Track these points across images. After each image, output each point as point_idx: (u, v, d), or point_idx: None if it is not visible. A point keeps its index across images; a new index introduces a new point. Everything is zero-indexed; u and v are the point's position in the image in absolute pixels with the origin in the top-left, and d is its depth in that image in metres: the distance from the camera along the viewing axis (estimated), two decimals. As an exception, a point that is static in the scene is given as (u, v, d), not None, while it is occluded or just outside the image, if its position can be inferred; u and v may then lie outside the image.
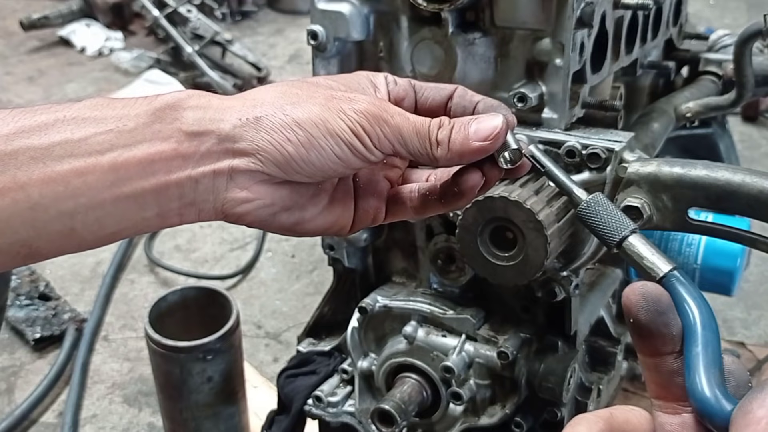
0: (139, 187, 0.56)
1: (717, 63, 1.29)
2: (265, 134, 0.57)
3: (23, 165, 0.53)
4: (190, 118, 0.58)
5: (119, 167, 0.55)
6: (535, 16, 0.88)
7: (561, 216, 0.86)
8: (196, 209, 0.59)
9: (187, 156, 0.57)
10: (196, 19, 3.52)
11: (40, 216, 0.55)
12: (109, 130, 0.56)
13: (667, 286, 0.54)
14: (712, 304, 0.57)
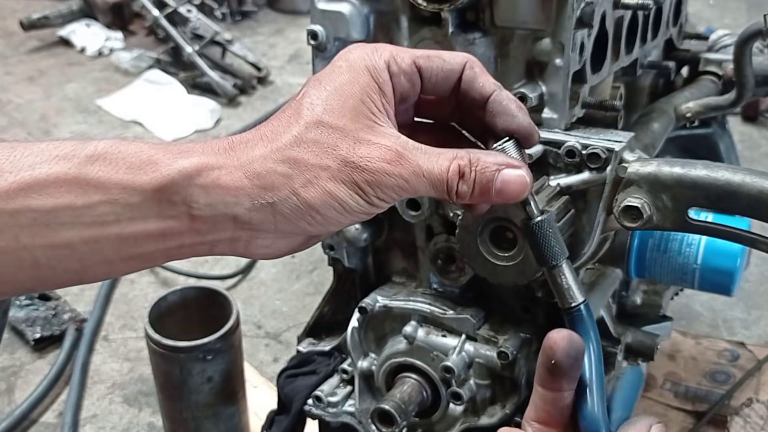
0: (149, 252, 0.56)
1: (717, 63, 1.29)
2: (281, 218, 0.57)
3: (26, 227, 0.52)
4: (201, 202, 0.56)
5: (127, 237, 0.55)
6: (535, 16, 0.88)
7: (561, 216, 0.86)
8: (210, 251, 0.60)
9: (201, 231, 0.56)
10: (196, 19, 3.52)
11: (45, 273, 0.55)
12: (114, 200, 0.54)
13: (575, 315, 0.61)
14: (712, 304, 0.59)
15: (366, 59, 0.60)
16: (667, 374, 1.63)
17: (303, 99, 0.59)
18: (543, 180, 0.88)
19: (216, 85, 3.35)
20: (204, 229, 0.56)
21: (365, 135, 0.57)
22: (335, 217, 0.57)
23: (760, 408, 1.50)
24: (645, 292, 1.32)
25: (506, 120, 0.61)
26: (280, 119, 0.59)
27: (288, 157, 0.56)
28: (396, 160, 0.57)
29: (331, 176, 0.56)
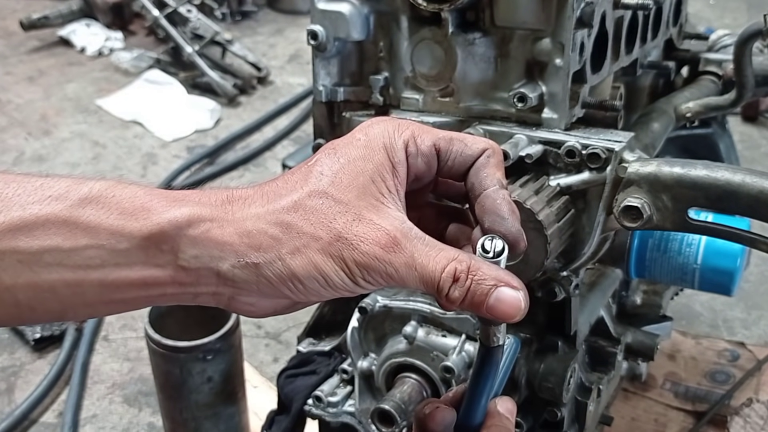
0: (131, 298, 0.56)
1: (717, 63, 1.29)
2: (264, 281, 0.56)
3: (9, 267, 0.52)
4: (188, 254, 0.55)
5: (110, 284, 0.54)
6: (535, 16, 0.88)
7: (561, 216, 0.86)
8: (193, 300, 0.60)
9: (184, 283, 0.56)
10: (196, 19, 3.52)
11: (26, 313, 0.55)
12: (101, 245, 0.53)
13: (489, 353, 0.62)
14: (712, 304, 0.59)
15: (385, 137, 0.58)
16: (667, 374, 1.63)
17: (314, 166, 0.58)
18: (543, 180, 0.88)
19: (216, 85, 3.35)
20: (187, 281, 0.56)
21: (367, 214, 0.56)
22: (317, 289, 0.56)
23: (760, 408, 1.50)
24: (645, 292, 1.32)
25: (495, 220, 0.58)
26: (286, 181, 0.58)
27: (282, 220, 0.55)
28: (390, 246, 0.55)
29: (321, 248, 0.55)
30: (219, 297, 0.58)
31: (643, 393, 1.57)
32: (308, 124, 3.02)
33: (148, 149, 2.98)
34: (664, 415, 1.53)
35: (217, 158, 2.92)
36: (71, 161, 2.87)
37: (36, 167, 2.81)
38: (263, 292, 0.57)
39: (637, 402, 1.55)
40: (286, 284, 0.56)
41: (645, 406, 1.54)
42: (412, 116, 0.94)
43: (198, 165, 2.84)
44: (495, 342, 0.62)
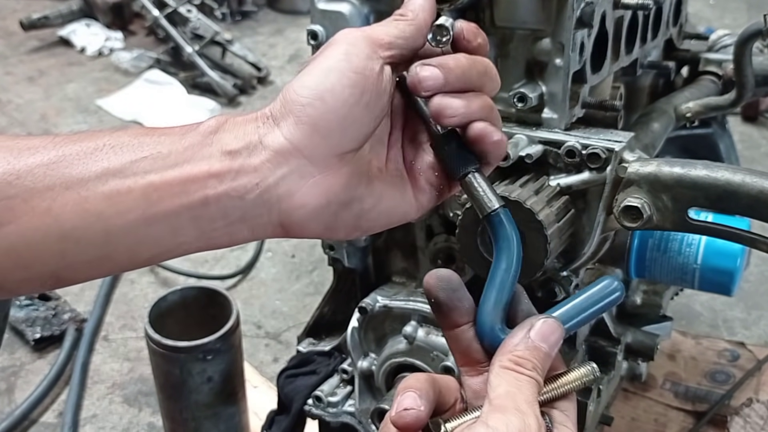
0: (173, 209, 0.55)
1: (717, 63, 1.29)
2: (292, 94, 0.57)
3: (58, 196, 0.53)
4: (227, 139, 0.56)
5: (151, 191, 0.54)
6: (535, 16, 0.88)
7: (561, 216, 0.86)
8: (247, 226, 0.57)
9: (221, 174, 0.55)
10: (196, 19, 3.52)
11: (70, 247, 0.54)
12: (144, 157, 0.55)
13: (493, 221, 0.61)
14: (712, 304, 0.59)
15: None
16: (667, 374, 1.63)
17: None
18: (543, 180, 0.88)
19: (216, 85, 3.35)
20: (224, 171, 0.55)
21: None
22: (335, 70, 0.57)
23: (760, 408, 1.50)
24: (645, 292, 1.32)
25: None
26: None
27: None
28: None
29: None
30: (264, 186, 0.56)
31: (643, 393, 1.57)
32: (308, 124, 3.01)
33: (148, 149, 2.98)
34: (664, 415, 1.53)
35: (217, 158, 2.92)
36: (71, 161, 2.87)
37: (36, 167, 2.81)
38: (313, 136, 0.56)
39: (637, 402, 1.55)
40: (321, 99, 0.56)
41: (645, 406, 1.54)
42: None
43: (198, 165, 2.84)
44: (489, 207, 0.62)
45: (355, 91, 0.57)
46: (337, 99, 0.56)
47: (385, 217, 0.62)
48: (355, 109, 0.57)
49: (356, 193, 0.59)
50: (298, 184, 0.56)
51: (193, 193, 0.55)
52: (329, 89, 0.56)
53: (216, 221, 0.56)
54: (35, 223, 0.53)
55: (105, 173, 0.54)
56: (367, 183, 0.60)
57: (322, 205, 0.57)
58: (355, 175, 0.59)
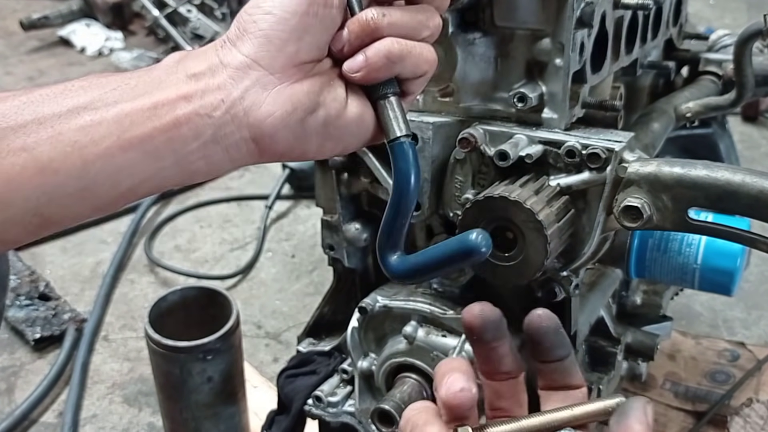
0: (146, 132, 0.56)
1: (717, 63, 1.29)
2: (244, 16, 0.60)
3: (32, 132, 0.54)
4: (189, 66, 0.59)
5: (124, 118, 0.56)
6: (535, 16, 0.88)
7: (561, 216, 0.86)
8: (221, 147, 0.59)
9: (189, 95, 0.57)
10: (196, 19, 3.52)
11: (49, 180, 0.55)
12: (113, 89, 0.57)
13: (395, 149, 0.63)
14: (712, 304, 0.59)
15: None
16: (667, 374, 1.63)
17: None
18: (543, 180, 0.88)
19: (216, 85, 3.35)
20: (191, 92, 0.58)
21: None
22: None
23: (760, 408, 1.50)
24: (645, 292, 1.32)
25: None
26: None
27: None
28: None
29: None
30: (229, 101, 0.58)
31: (643, 393, 1.57)
32: (308, 124, 3.01)
33: (148, 149, 2.98)
34: (664, 415, 1.53)
35: (217, 158, 2.92)
36: (71, 161, 2.88)
37: (36, 167, 2.81)
38: (269, 47, 0.59)
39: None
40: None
41: (645, 406, 1.54)
42: (412, 116, 0.94)
43: (198, 165, 2.84)
44: (393, 134, 0.63)
45: (302, 3, 0.59)
46: (285, 10, 0.59)
47: (355, 127, 0.64)
48: (305, 18, 0.59)
49: (320, 98, 0.61)
50: (262, 95, 0.59)
51: (164, 116, 0.57)
52: (277, 4, 0.59)
53: (189, 143, 0.58)
54: (11, 159, 0.54)
55: (76, 107, 0.56)
56: (329, 90, 0.62)
57: (288, 112, 0.60)
58: (317, 83, 0.61)
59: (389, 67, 0.62)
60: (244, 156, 0.60)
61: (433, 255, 0.64)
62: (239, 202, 2.60)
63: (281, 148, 0.61)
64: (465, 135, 0.90)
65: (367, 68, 0.61)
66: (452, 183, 0.94)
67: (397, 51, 0.61)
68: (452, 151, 0.93)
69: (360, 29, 0.61)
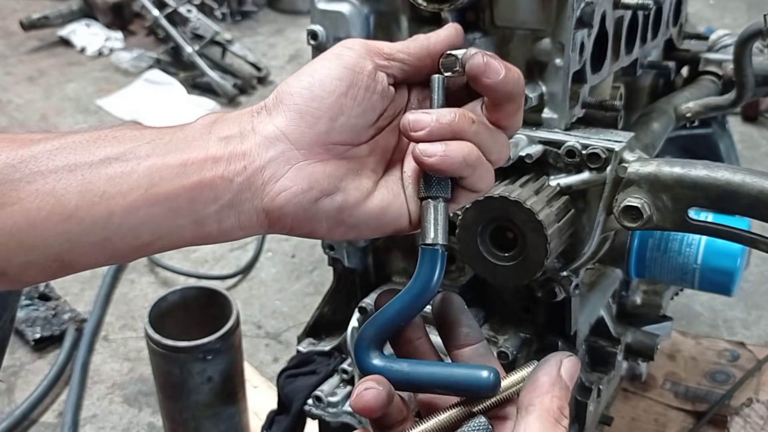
0: (172, 190, 0.57)
1: (717, 63, 1.29)
2: (284, 86, 0.62)
3: (62, 178, 0.55)
4: (222, 128, 0.59)
5: (153, 173, 0.56)
6: (535, 16, 0.88)
7: (561, 216, 0.86)
8: (235, 212, 0.58)
9: (217, 158, 0.58)
10: (196, 19, 3.52)
11: (74, 228, 0.55)
12: (147, 142, 0.57)
13: (425, 252, 0.61)
14: (712, 304, 0.59)
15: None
16: (667, 374, 1.63)
17: None
18: (543, 180, 0.88)
19: (216, 85, 3.35)
20: (219, 155, 0.58)
21: None
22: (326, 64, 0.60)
23: (760, 408, 1.50)
24: (645, 292, 1.32)
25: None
26: None
27: None
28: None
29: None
30: (251, 169, 0.58)
31: (643, 393, 1.57)
32: (308, 124, 3.01)
33: (148, 149, 2.98)
34: (664, 415, 1.53)
35: (217, 158, 2.92)
36: (71, 161, 2.88)
37: (36, 167, 2.81)
38: (299, 123, 0.59)
39: (637, 402, 1.55)
40: (301, 79, 0.60)
41: (645, 406, 1.54)
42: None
43: (198, 165, 2.84)
44: (430, 238, 0.61)
45: (342, 83, 0.59)
46: (324, 89, 0.59)
47: (374, 220, 0.62)
48: (342, 99, 0.59)
49: (341, 184, 0.60)
50: (283, 168, 0.58)
51: (191, 174, 0.57)
52: (318, 80, 0.60)
53: (209, 204, 0.58)
54: (38, 203, 0.54)
55: (108, 158, 0.56)
56: (354, 177, 0.61)
57: (303, 189, 0.59)
58: (343, 167, 0.60)
59: (461, 169, 0.59)
60: (254, 226, 0.60)
61: (430, 375, 0.60)
62: (239, 202, 2.60)
63: (290, 223, 0.60)
64: (465, 135, 0.90)
65: (443, 158, 0.58)
66: (452, 183, 0.94)
67: (475, 159, 0.60)
68: (452, 151, 0.93)
69: (448, 122, 0.59)
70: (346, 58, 0.60)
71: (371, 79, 0.60)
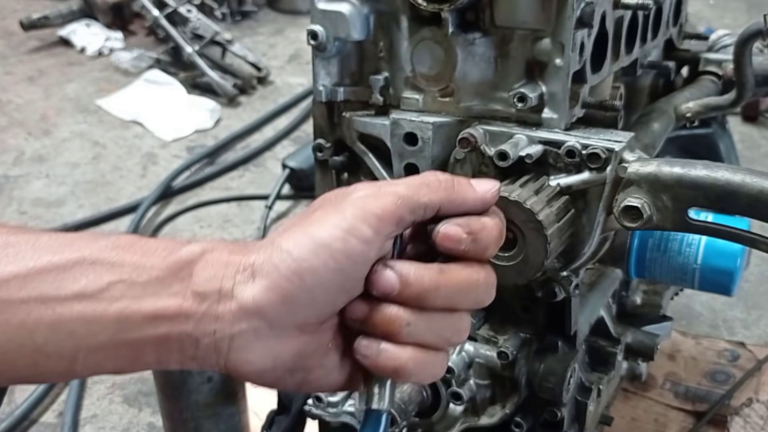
0: (140, 338, 0.56)
1: (717, 63, 1.29)
2: (276, 253, 0.57)
3: (33, 311, 0.54)
4: (201, 277, 0.57)
5: (123, 319, 0.56)
6: (535, 16, 0.88)
7: (561, 216, 0.86)
8: (197, 363, 0.59)
9: (189, 314, 0.56)
10: (196, 19, 3.52)
11: (41, 360, 0.55)
12: (122, 279, 0.56)
13: (369, 415, 0.61)
14: (712, 304, 0.59)
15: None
16: (667, 374, 1.63)
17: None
18: (543, 180, 0.88)
19: (216, 85, 3.35)
20: (192, 311, 0.56)
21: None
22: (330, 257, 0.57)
23: (760, 408, 1.50)
24: (645, 292, 1.32)
25: None
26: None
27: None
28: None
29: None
30: (219, 335, 0.57)
31: (643, 393, 1.57)
32: (308, 124, 3.02)
33: (148, 149, 2.98)
34: (664, 415, 1.53)
35: (217, 158, 2.92)
36: (71, 161, 2.87)
37: (36, 167, 2.81)
38: (279, 307, 0.56)
39: (637, 402, 1.55)
40: (294, 274, 0.56)
41: (645, 406, 1.54)
42: (412, 116, 0.94)
43: (198, 165, 2.84)
44: (376, 404, 0.62)
45: (339, 277, 0.57)
46: (317, 280, 0.56)
47: (326, 386, 0.63)
48: (332, 291, 0.58)
49: (306, 362, 0.60)
50: (251, 343, 0.57)
51: (160, 326, 0.56)
52: (313, 269, 0.56)
53: (173, 354, 0.58)
54: (9, 334, 0.54)
55: (81, 293, 0.55)
56: (320, 355, 0.60)
57: (267, 368, 0.58)
58: (312, 344, 0.59)
59: (397, 375, 0.59)
60: (213, 369, 0.60)
61: None
62: (239, 202, 2.60)
63: (248, 380, 0.61)
64: (465, 135, 0.90)
65: (374, 361, 0.58)
66: (452, 183, 0.94)
67: (410, 369, 0.59)
68: (452, 151, 0.93)
69: (378, 324, 0.58)
70: (353, 242, 0.57)
71: (368, 266, 0.58)
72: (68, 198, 2.63)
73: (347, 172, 1.06)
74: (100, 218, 2.47)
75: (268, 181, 2.66)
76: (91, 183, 2.73)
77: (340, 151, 1.04)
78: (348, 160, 1.04)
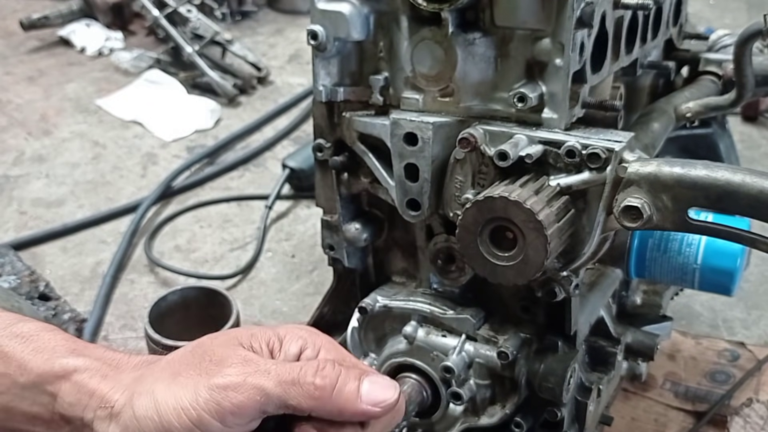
0: (26, 430, 0.60)
1: (717, 63, 1.29)
2: (137, 409, 0.58)
3: None
4: (66, 401, 0.59)
5: (9, 410, 0.59)
6: (535, 16, 0.88)
7: (561, 216, 0.86)
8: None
9: (60, 427, 0.59)
10: (196, 19, 3.51)
11: None
12: (9, 374, 0.59)
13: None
14: (712, 304, 0.59)
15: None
16: (667, 374, 1.63)
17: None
18: (543, 180, 0.88)
19: (216, 85, 3.35)
20: (62, 427, 0.59)
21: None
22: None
23: (760, 408, 1.50)
24: (645, 292, 1.32)
25: None
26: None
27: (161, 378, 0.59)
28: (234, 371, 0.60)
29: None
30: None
31: (643, 393, 1.57)
32: (308, 124, 3.02)
33: (148, 149, 2.97)
34: (664, 415, 1.53)
35: (217, 158, 2.91)
36: (71, 161, 2.87)
37: (36, 167, 2.81)
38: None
39: (637, 402, 1.55)
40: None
41: (645, 406, 1.54)
42: (412, 116, 0.94)
43: (198, 165, 2.84)
44: None
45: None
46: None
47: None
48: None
49: None
50: None
51: (37, 426, 0.60)
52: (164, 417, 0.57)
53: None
54: None
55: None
56: None
57: None
58: None
59: None
60: None
61: None
62: (239, 202, 2.60)
63: None
64: (465, 135, 0.91)
65: None
66: (452, 183, 0.94)
67: None
68: (452, 151, 0.93)
69: None
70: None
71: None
72: (68, 198, 2.63)
73: (347, 171, 1.06)
74: (100, 218, 2.46)
75: (268, 181, 2.66)
76: (91, 183, 2.72)
77: (340, 151, 1.04)
78: (348, 160, 1.04)
